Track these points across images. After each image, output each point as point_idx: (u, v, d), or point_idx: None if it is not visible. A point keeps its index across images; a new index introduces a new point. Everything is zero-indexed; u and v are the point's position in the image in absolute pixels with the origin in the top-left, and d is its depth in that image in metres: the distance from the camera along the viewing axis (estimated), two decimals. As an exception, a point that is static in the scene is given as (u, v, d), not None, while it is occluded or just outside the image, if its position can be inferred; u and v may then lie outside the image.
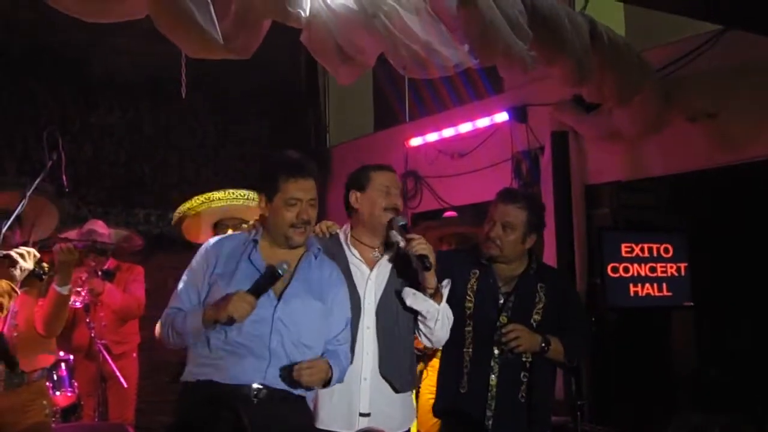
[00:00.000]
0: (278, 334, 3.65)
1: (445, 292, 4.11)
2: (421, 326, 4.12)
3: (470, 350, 4.36)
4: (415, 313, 4.09)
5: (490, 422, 4.29)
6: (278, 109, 10.53)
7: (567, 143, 7.51)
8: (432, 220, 8.03)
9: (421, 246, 3.95)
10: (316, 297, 3.77)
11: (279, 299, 3.69)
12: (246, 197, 5.60)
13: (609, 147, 7.32)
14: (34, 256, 4.41)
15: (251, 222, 3.96)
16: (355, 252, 4.11)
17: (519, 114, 8.10)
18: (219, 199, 5.63)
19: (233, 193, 5.61)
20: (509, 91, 8.38)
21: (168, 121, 9.70)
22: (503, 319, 4.33)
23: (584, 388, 6.98)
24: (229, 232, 5.68)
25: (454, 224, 7.01)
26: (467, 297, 4.40)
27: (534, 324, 4.36)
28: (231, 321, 3.50)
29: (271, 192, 3.74)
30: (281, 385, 3.65)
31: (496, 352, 4.32)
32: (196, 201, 5.66)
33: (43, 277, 4.57)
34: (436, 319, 4.07)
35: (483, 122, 8.57)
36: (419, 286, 4.06)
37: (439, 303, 4.06)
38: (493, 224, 4.36)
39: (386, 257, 4.14)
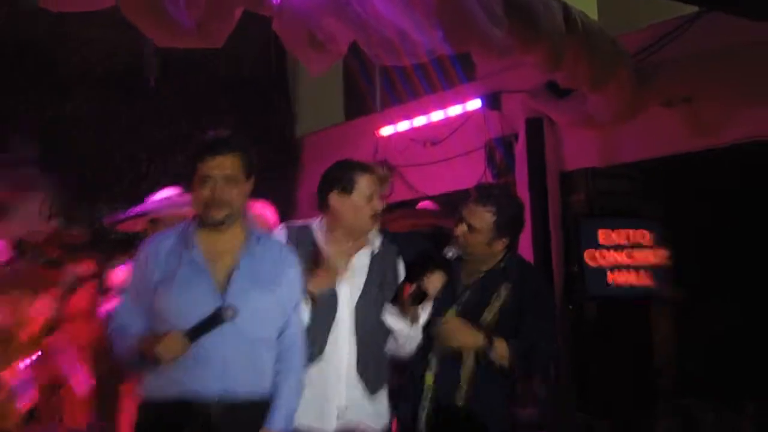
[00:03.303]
0: (231, 336, 3.53)
1: (423, 316, 4.05)
2: (390, 339, 4.10)
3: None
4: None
5: (422, 424, 4.10)
6: (249, 100, 10.50)
7: (542, 130, 7.56)
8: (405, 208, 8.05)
9: (433, 285, 3.91)
10: (267, 286, 3.67)
11: (223, 298, 3.58)
12: None
13: (584, 133, 7.38)
14: None
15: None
16: (329, 248, 4.03)
17: (492, 101, 8.11)
18: None
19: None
20: (482, 78, 8.39)
21: (136, 114, 9.63)
22: (451, 312, 4.16)
23: (564, 378, 7.04)
24: None
25: (431, 215, 7.01)
26: None
27: (483, 324, 4.10)
28: (156, 362, 3.41)
29: (191, 175, 3.67)
30: (243, 391, 3.57)
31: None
32: None
33: None
34: (407, 340, 4.06)
35: (455, 110, 8.57)
36: (398, 305, 4.02)
37: (413, 325, 4.02)
38: (459, 222, 4.18)
39: (362, 256, 4.09)
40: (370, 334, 4.03)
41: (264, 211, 5.34)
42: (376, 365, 4.07)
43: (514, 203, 4.35)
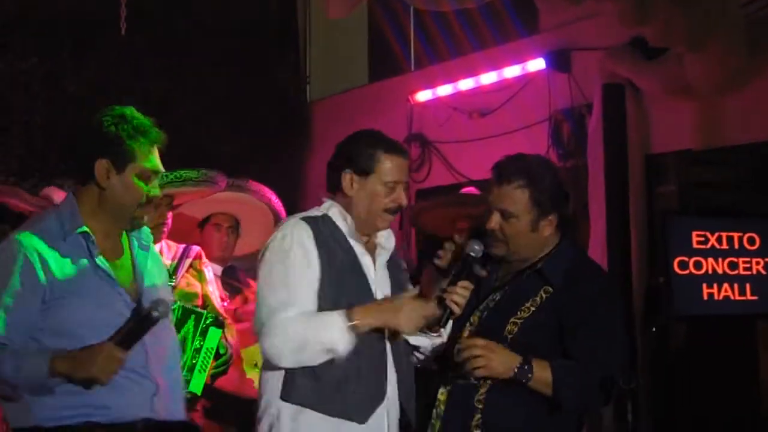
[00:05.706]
0: (152, 350, 3.69)
1: (450, 324, 4.02)
2: (415, 352, 4.13)
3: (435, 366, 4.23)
4: None
5: None
6: (244, 55, 10.46)
7: (623, 100, 7.48)
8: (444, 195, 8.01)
9: (457, 298, 3.87)
10: (166, 283, 3.91)
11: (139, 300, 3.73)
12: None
13: (678, 105, 7.33)
14: None
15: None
16: (359, 238, 4.04)
17: (560, 61, 8.12)
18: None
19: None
20: (547, 31, 8.40)
21: (98, 70, 9.62)
22: (474, 318, 4.10)
23: (644, 418, 6.99)
24: None
25: (474, 203, 6.96)
26: None
27: (507, 336, 3.99)
28: (92, 383, 3.46)
29: (123, 157, 3.63)
30: (169, 416, 3.73)
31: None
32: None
33: None
34: (435, 349, 4.10)
35: (512, 71, 8.58)
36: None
37: (440, 336, 4.04)
38: (490, 213, 4.08)
39: (383, 258, 4.11)
40: (404, 355, 4.06)
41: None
42: (412, 394, 4.08)
43: (546, 166, 4.24)
